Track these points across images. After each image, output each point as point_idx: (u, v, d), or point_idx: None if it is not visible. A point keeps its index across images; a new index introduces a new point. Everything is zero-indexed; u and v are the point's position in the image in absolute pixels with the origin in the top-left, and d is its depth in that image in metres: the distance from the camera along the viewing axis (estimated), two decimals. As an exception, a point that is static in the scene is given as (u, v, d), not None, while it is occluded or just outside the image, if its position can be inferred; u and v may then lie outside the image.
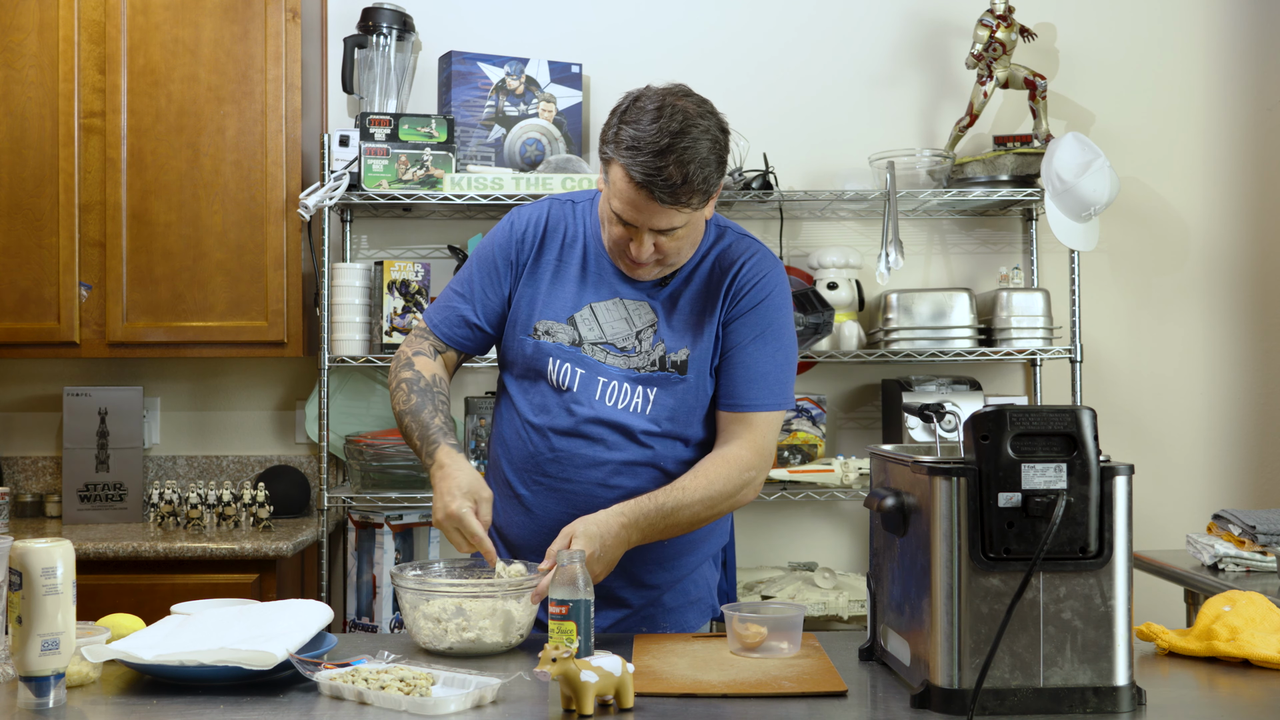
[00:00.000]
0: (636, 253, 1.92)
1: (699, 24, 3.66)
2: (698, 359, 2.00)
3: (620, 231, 1.93)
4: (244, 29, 3.29)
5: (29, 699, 1.51)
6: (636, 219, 1.89)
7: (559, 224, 2.07)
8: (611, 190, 1.90)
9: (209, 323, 3.28)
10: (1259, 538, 2.77)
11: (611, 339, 2.00)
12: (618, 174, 1.88)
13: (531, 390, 2.03)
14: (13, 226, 3.28)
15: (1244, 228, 3.71)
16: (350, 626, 3.34)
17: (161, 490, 3.25)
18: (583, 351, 2.00)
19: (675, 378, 1.99)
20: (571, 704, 1.48)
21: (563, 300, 2.03)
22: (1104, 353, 3.65)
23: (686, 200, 1.86)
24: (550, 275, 2.04)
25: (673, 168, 1.82)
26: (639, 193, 1.85)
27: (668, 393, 1.99)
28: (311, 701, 1.56)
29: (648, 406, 1.99)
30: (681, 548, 2.06)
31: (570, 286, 2.03)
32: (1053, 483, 1.47)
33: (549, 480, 2.01)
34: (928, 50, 3.67)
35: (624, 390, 1.98)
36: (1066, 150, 3.27)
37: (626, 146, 1.84)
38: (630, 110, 1.88)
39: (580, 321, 2.01)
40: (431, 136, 3.29)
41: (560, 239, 2.06)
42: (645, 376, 1.99)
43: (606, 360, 1.99)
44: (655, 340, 2.00)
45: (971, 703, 1.43)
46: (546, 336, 2.01)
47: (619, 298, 2.02)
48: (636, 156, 1.83)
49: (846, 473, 3.29)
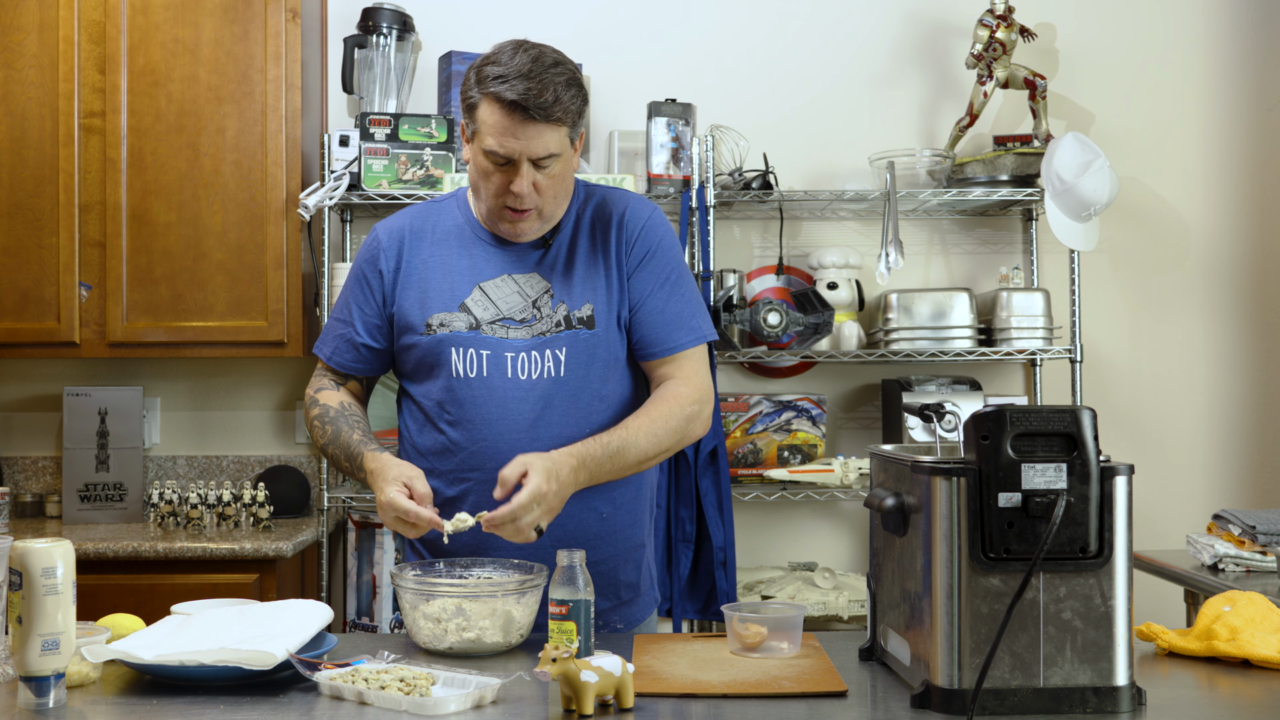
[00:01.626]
0: (519, 187, 1.91)
1: (699, 24, 3.66)
2: (603, 311, 2.00)
3: (499, 178, 1.92)
4: (244, 29, 3.29)
5: (29, 699, 1.51)
6: (514, 147, 1.89)
7: (424, 224, 2.07)
8: (484, 131, 1.90)
9: (209, 323, 3.29)
10: (1259, 538, 2.77)
11: (509, 314, 1.99)
12: (488, 109, 1.89)
13: (436, 388, 2.01)
14: (13, 226, 3.28)
15: (1244, 228, 3.71)
16: (350, 626, 3.34)
17: (161, 490, 3.25)
18: (482, 333, 1.98)
19: (584, 333, 1.98)
20: (571, 704, 1.48)
21: (450, 290, 2.01)
22: (1104, 353, 3.65)
23: (560, 116, 1.89)
24: (429, 272, 2.03)
25: (541, 85, 1.87)
26: (513, 115, 1.87)
27: (577, 349, 1.98)
28: (311, 701, 1.56)
29: (560, 368, 1.97)
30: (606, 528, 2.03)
31: (454, 276, 2.02)
32: (1053, 483, 1.47)
33: (479, 473, 1.96)
34: (928, 50, 3.67)
35: (533, 359, 1.97)
36: (1066, 150, 3.27)
37: (493, 78, 1.88)
38: (489, 56, 1.93)
39: (473, 305, 2.00)
40: (431, 136, 3.29)
41: (429, 236, 2.06)
42: (551, 339, 1.98)
43: (509, 335, 1.98)
44: (555, 304, 1.99)
45: (971, 703, 1.43)
46: (442, 328, 2.00)
47: (507, 274, 2.02)
48: (505, 82, 1.87)
49: (846, 473, 3.29)
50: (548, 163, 1.92)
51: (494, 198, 1.96)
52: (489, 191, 1.96)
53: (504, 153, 1.90)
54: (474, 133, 1.94)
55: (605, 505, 2.02)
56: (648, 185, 3.32)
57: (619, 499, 2.04)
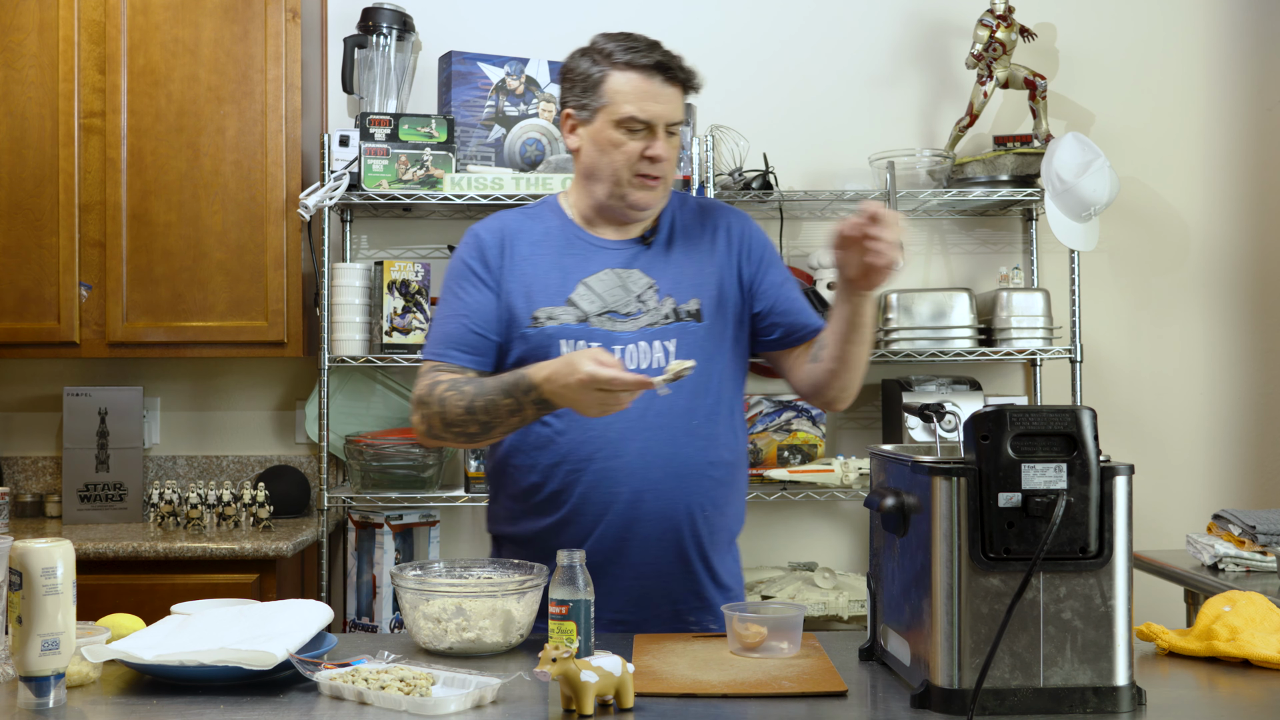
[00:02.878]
0: (656, 150, 1.98)
1: (699, 24, 3.66)
2: (710, 307, 2.04)
3: (633, 145, 1.99)
4: (244, 29, 3.29)
5: (29, 699, 1.51)
6: (653, 110, 1.98)
7: (520, 227, 2.09)
8: (619, 101, 1.98)
9: (209, 323, 3.29)
10: (1259, 538, 2.78)
11: (614, 307, 2.01)
12: (624, 78, 1.99)
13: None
14: (13, 226, 3.28)
15: (1244, 228, 3.71)
16: (350, 626, 3.34)
17: (161, 490, 3.25)
18: (591, 325, 2.00)
19: (693, 325, 2.02)
20: (571, 704, 1.48)
21: (554, 285, 2.03)
22: (1104, 353, 3.65)
23: (691, 81, 2.03)
24: (531, 268, 2.04)
25: (671, 54, 2.02)
26: (652, 79, 1.98)
27: (686, 341, 2.01)
28: (311, 701, 1.56)
29: (669, 359, 1.99)
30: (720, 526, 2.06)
31: (556, 272, 2.04)
32: (1053, 483, 1.47)
33: (579, 466, 1.97)
34: (928, 50, 3.67)
35: (642, 350, 1.99)
36: (1066, 150, 3.27)
37: (624, 49, 2.00)
38: (599, 40, 2.06)
39: (578, 299, 2.02)
40: (431, 136, 3.29)
41: (528, 237, 2.08)
42: (661, 330, 2.01)
43: (616, 328, 2.00)
44: (661, 297, 2.03)
45: (972, 703, 1.43)
46: (550, 321, 2.00)
47: (608, 268, 2.04)
48: (638, 52, 1.99)
49: (846, 473, 3.29)
50: (676, 128, 2.02)
51: (626, 167, 2.00)
52: (620, 162, 2.00)
53: (645, 117, 1.98)
54: (597, 110, 2.00)
55: (709, 505, 2.03)
56: (648, 185, 3.31)
57: (719, 499, 2.05)
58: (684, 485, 1.99)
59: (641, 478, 1.97)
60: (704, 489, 2.01)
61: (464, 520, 3.61)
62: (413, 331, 3.29)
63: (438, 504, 3.35)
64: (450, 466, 3.54)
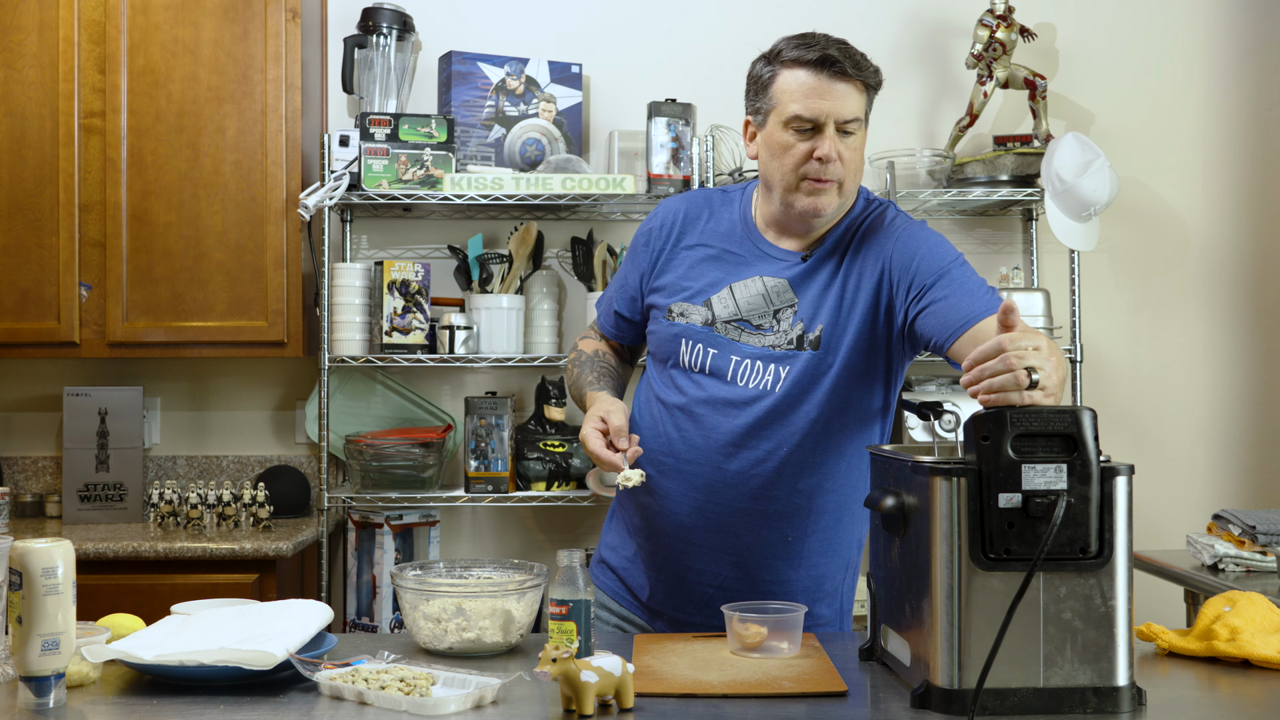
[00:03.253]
0: (824, 150, 1.90)
1: (699, 24, 3.66)
2: (833, 333, 1.95)
3: (802, 147, 1.92)
4: (244, 29, 3.29)
5: (29, 699, 1.51)
6: (820, 108, 1.91)
7: (702, 209, 2.10)
8: (785, 100, 1.93)
9: (209, 323, 3.29)
10: (1259, 538, 2.77)
11: (747, 315, 1.99)
12: (790, 76, 1.93)
13: (664, 373, 2.06)
14: (13, 226, 3.28)
15: (1244, 227, 3.71)
16: (350, 626, 3.34)
17: (161, 490, 3.25)
18: (715, 331, 2.00)
19: (807, 354, 1.95)
20: (571, 704, 1.48)
21: (702, 282, 2.03)
22: (1104, 353, 3.65)
23: (864, 74, 1.94)
24: (689, 259, 2.06)
25: (846, 47, 1.95)
26: (819, 75, 1.92)
27: (798, 369, 1.96)
28: (311, 701, 1.56)
29: (778, 385, 1.96)
30: (816, 547, 2.03)
31: (709, 269, 2.03)
32: (1053, 483, 1.47)
33: (673, 460, 2.00)
34: (928, 50, 3.67)
35: (756, 368, 1.97)
36: (1066, 150, 3.27)
37: (794, 47, 1.94)
38: (779, 43, 1.99)
39: (716, 302, 2.01)
40: (431, 136, 3.29)
41: (700, 225, 2.08)
42: (780, 355, 1.96)
43: (741, 339, 1.99)
44: (795, 320, 1.97)
45: (972, 703, 1.43)
46: (681, 318, 2.03)
47: (759, 276, 2.01)
48: (808, 48, 1.93)
49: (846, 473, 3.29)
50: (853, 127, 1.93)
51: (793, 170, 1.94)
52: (789, 165, 1.94)
53: (810, 115, 1.91)
54: (768, 113, 1.96)
55: (792, 529, 2.00)
56: (648, 185, 3.32)
57: (811, 526, 2.01)
58: (760, 507, 1.97)
59: (718, 492, 1.99)
60: (787, 514, 1.99)
61: (464, 520, 3.61)
62: (412, 331, 3.29)
63: (438, 504, 3.35)
64: (450, 466, 3.54)
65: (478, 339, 3.31)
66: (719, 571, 2.01)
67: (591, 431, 1.92)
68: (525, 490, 3.32)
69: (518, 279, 3.43)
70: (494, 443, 3.28)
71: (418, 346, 3.29)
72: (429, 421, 3.55)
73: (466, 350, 3.29)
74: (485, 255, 3.39)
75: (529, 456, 3.31)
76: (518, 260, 3.43)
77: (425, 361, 3.31)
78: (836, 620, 2.11)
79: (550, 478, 3.31)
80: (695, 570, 2.02)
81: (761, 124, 1.98)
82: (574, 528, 3.61)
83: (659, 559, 2.05)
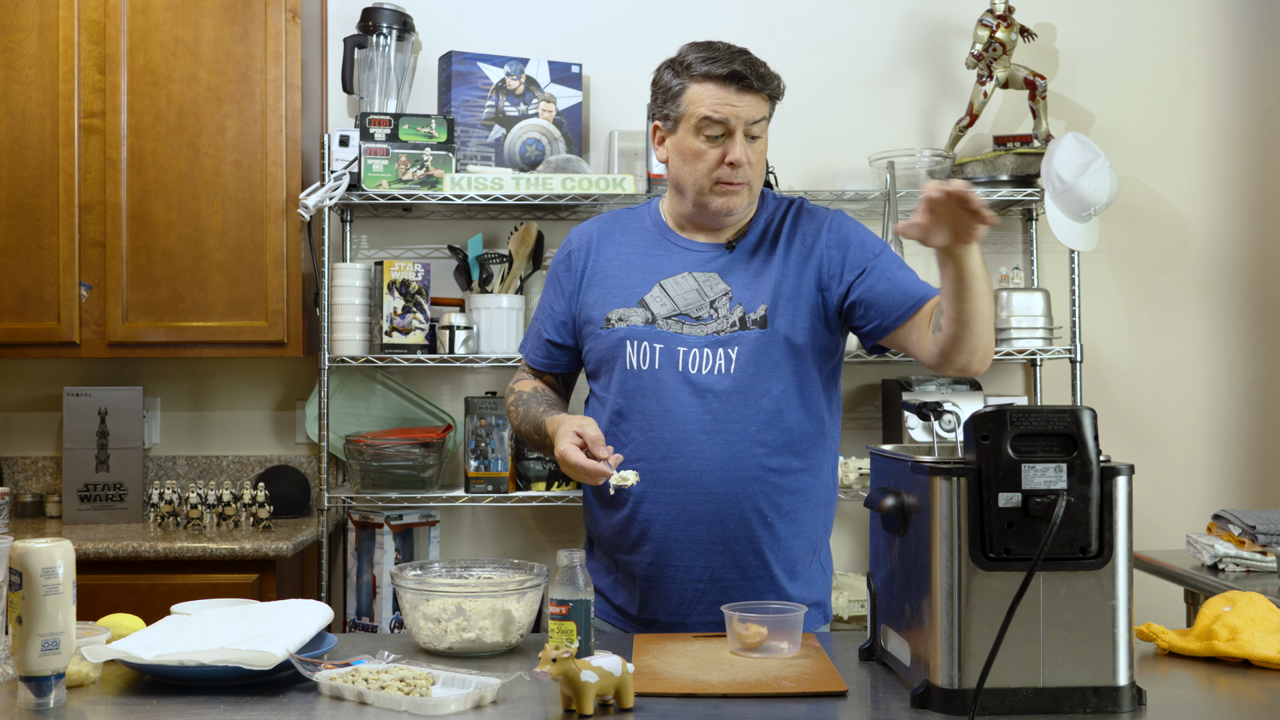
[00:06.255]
0: (735, 155, 2.01)
1: (698, 24, 3.65)
2: (782, 311, 2.03)
3: (713, 153, 2.02)
4: (244, 29, 3.29)
5: (29, 699, 1.51)
6: (731, 114, 2.00)
7: (613, 226, 2.19)
8: (696, 109, 2.02)
9: (209, 323, 3.29)
10: (1259, 538, 2.77)
11: (685, 310, 2.06)
12: (699, 90, 2.02)
13: (610, 385, 2.08)
14: (13, 226, 3.28)
15: (1244, 227, 3.71)
16: (350, 626, 3.34)
17: (161, 490, 3.25)
18: (658, 327, 2.05)
19: (755, 332, 2.03)
20: (571, 704, 1.48)
21: (631, 286, 2.09)
22: (1104, 353, 3.65)
23: (770, 86, 2.04)
24: (613, 269, 2.12)
25: (752, 60, 2.03)
26: (728, 87, 2.00)
27: (748, 348, 2.02)
28: (311, 701, 1.56)
29: (730, 366, 2.02)
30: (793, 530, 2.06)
31: (636, 273, 2.10)
32: (1053, 483, 1.47)
33: (645, 464, 2.01)
34: (928, 50, 3.67)
35: (705, 356, 2.02)
36: (1066, 150, 3.27)
37: (703, 60, 2.02)
38: (684, 51, 2.07)
39: (651, 301, 2.07)
40: (431, 136, 3.29)
41: (616, 237, 2.16)
42: (725, 338, 2.03)
43: (684, 331, 2.04)
44: (732, 305, 2.05)
45: (973, 703, 1.43)
46: (621, 323, 2.07)
47: (688, 272, 2.08)
48: (716, 62, 2.01)
49: (846, 473, 3.29)
50: (758, 130, 2.03)
51: (707, 175, 2.04)
52: (701, 171, 2.04)
53: (720, 117, 2.00)
54: (677, 119, 2.05)
55: (771, 510, 2.04)
56: (648, 185, 3.32)
57: (785, 505, 2.05)
58: (739, 489, 2.00)
59: (696, 482, 2.01)
60: (763, 493, 2.02)
61: (464, 520, 3.61)
62: (412, 331, 3.29)
63: (438, 504, 3.35)
64: (450, 466, 3.54)
65: (478, 339, 3.32)
66: (708, 564, 2.03)
67: (569, 446, 1.92)
68: (525, 490, 3.32)
69: (518, 279, 3.43)
70: (494, 443, 3.28)
71: (418, 346, 3.29)
72: (429, 421, 3.55)
73: (466, 350, 3.29)
74: (485, 255, 3.39)
75: (529, 456, 3.31)
76: (518, 260, 3.43)
77: (425, 361, 3.31)
78: (816, 596, 2.12)
79: (550, 478, 3.31)
80: (684, 568, 2.03)
81: (672, 129, 2.08)
82: (574, 528, 3.61)
83: (643, 567, 2.05)
